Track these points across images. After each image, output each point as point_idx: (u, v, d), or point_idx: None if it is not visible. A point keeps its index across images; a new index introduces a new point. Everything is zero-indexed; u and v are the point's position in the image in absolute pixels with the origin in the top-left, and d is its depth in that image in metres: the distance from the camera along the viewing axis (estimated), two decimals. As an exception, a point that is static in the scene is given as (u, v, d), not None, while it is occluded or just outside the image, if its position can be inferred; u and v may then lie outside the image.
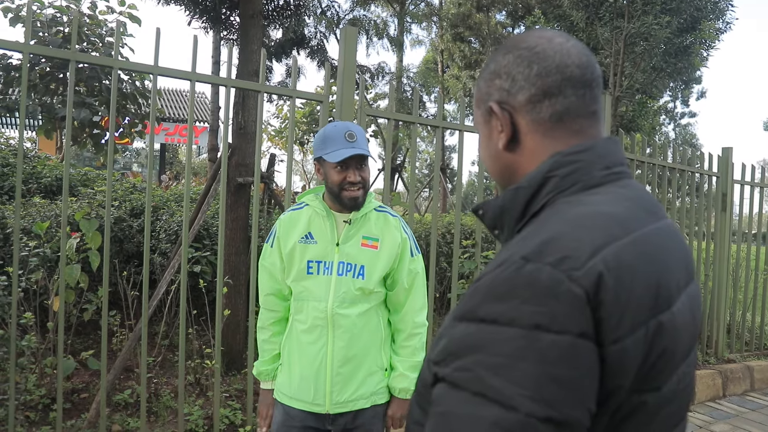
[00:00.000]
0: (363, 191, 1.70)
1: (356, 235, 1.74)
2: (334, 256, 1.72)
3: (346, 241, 1.73)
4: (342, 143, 1.64)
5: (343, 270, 1.71)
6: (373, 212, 1.77)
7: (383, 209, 1.81)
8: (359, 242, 1.73)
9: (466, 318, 0.62)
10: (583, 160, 0.70)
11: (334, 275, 1.71)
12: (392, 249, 1.74)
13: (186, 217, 2.76)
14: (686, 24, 9.62)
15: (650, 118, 13.19)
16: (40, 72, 5.14)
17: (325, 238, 1.73)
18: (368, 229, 1.75)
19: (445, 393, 0.61)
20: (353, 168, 1.66)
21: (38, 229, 3.26)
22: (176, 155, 27.56)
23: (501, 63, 0.77)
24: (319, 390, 1.70)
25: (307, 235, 1.74)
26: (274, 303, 1.84)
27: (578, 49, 0.74)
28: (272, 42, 7.49)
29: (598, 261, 0.59)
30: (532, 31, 0.78)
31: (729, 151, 5.21)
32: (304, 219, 1.77)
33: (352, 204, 1.69)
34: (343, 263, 1.71)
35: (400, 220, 1.80)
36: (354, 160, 1.66)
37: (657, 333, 0.61)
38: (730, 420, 4.02)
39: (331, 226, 1.73)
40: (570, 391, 0.56)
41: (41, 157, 7.18)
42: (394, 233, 1.76)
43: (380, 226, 1.76)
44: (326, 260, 1.72)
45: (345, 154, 1.62)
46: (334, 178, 1.67)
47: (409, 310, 1.79)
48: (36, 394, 2.96)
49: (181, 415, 2.78)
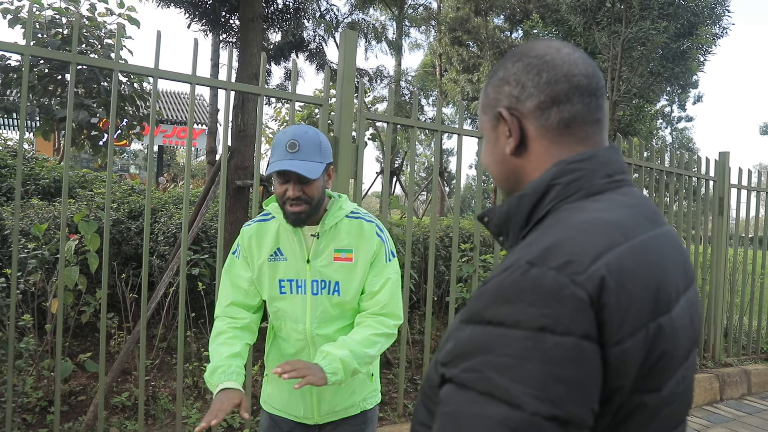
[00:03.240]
0: (307, 207, 1.52)
1: (327, 249, 1.59)
2: (306, 274, 1.59)
3: (317, 257, 1.59)
4: (282, 153, 1.49)
5: (317, 289, 1.59)
6: (344, 221, 1.61)
7: (356, 215, 1.63)
8: (331, 256, 1.59)
9: (473, 320, 0.65)
10: (585, 169, 0.73)
11: (309, 295, 1.59)
12: (369, 258, 1.60)
13: (185, 219, 2.76)
14: (683, 29, 9.67)
15: (647, 123, 13.25)
16: (39, 73, 5.15)
17: (294, 255, 1.60)
18: (339, 240, 1.59)
19: (452, 393, 0.63)
20: (293, 182, 1.50)
21: (37, 230, 3.26)
22: (174, 157, 27.52)
23: (510, 70, 0.79)
24: (307, 405, 1.66)
25: (276, 252, 1.61)
26: (238, 312, 1.66)
27: (584, 59, 0.77)
28: (271, 45, 7.51)
29: (600, 265, 0.61)
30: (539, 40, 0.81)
31: (726, 156, 5.24)
32: (271, 232, 1.62)
33: (293, 220, 1.54)
34: (317, 281, 1.59)
35: (375, 224, 1.65)
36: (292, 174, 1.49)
37: (657, 336, 0.63)
38: (727, 424, 4.02)
39: (299, 241, 1.60)
40: (574, 390, 0.58)
41: (39, 159, 7.17)
42: (370, 240, 1.60)
43: (353, 235, 1.60)
44: (298, 278, 1.60)
45: (277, 167, 1.47)
46: (277, 191, 1.54)
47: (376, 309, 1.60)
48: (33, 396, 2.95)
49: (179, 418, 2.77)
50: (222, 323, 1.64)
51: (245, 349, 1.61)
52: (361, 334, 1.56)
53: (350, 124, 3.13)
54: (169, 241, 4.32)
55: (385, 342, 1.60)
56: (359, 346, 1.52)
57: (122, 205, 4.70)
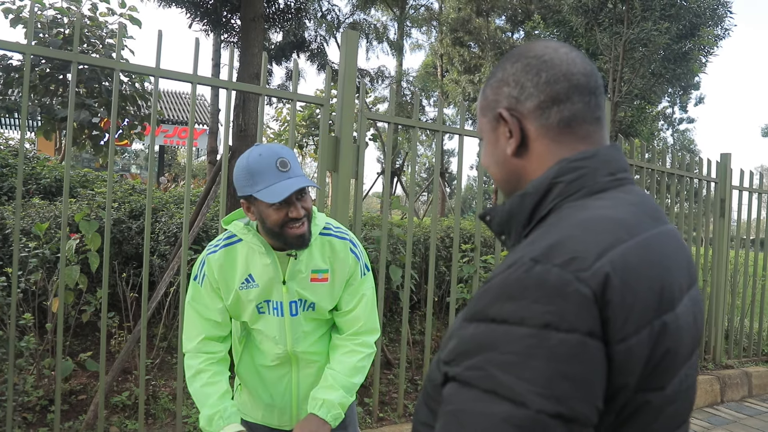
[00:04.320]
0: (308, 222, 1.46)
1: (304, 269, 1.52)
2: (282, 296, 1.52)
3: (293, 278, 1.51)
4: (275, 176, 1.37)
5: (295, 309, 1.53)
6: (317, 239, 1.52)
7: (328, 232, 1.56)
8: (308, 278, 1.52)
9: (476, 318, 0.64)
10: (587, 167, 0.73)
11: (287, 317, 1.53)
12: (344, 277, 1.56)
13: (186, 219, 2.76)
14: (685, 30, 9.67)
15: (649, 124, 13.24)
16: (40, 73, 5.15)
17: (267, 279, 1.50)
18: (315, 261, 1.53)
19: (456, 391, 0.62)
20: (294, 202, 1.41)
21: (38, 230, 3.26)
22: (175, 157, 27.55)
23: (509, 71, 0.79)
24: (285, 416, 1.64)
25: (248, 279, 1.51)
26: (213, 346, 1.57)
27: (582, 58, 0.78)
28: (272, 45, 7.51)
29: (605, 262, 0.61)
30: (536, 41, 0.81)
31: (727, 157, 5.23)
32: (240, 258, 1.51)
33: (299, 242, 1.44)
34: (294, 302, 1.53)
35: (348, 241, 1.57)
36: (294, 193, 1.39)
37: (661, 333, 0.63)
38: (728, 426, 4.02)
39: (273, 264, 1.49)
40: (579, 388, 0.58)
41: (40, 158, 7.18)
42: (345, 259, 1.55)
43: (326, 255, 1.54)
44: (274, 299, 1.53)
45: (285, 191, 1.35)
46: (273, 218, 1.40)
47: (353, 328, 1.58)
48: (34, 395, 2.95)
49: (179, 418, 2.77)
50: (197, 361, 1.54)
51: (228, 384, 1.57)
52: (345, 363, 1.55)
53: (351, 124, 3.13)
54: (170, 240, 4.32)
55: (368, 362, 1.61)
56: (347, 378, 1.53)
57: (123, 204, 4.70)
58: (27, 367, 3.04)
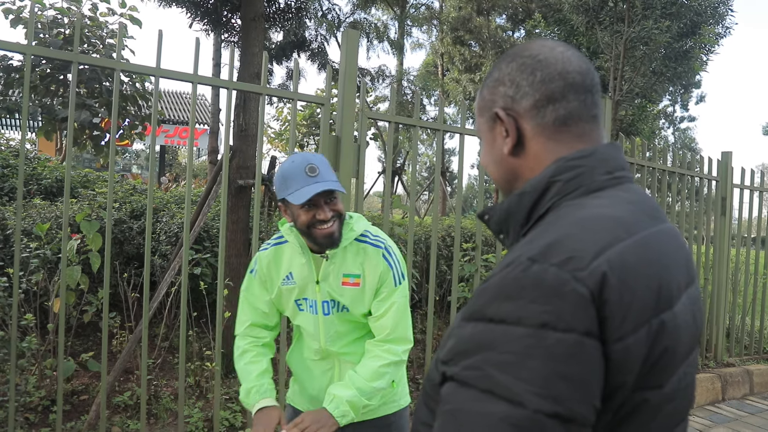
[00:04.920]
0: (338, 223, 1.54)
1: (336, 272, 1.60)
2: (316, 295, 1.63)
3: (326, 279, 1.61)
4: (303, 180, 1.48)
5: (328, 309, 1.63)
6: (352, 244, 1.61)
7: (365, 239, 1.62)
8: (339, 280, 1.60)
9: (474, 318, 0.64)
10: (585, 165, 0.73)
11: (320, 315, 1.64)
12: (375, 283, 1.60)
13: (187, 219, 2.76)
14: (686, 29, 9.65)
15: (650, 122, 13.22)
16: (41, 73, 5.15)
17: (303, 277, 1.63)
18: (347, 266, 1.60)
19: (453, 391, 0.62)
20: (322, 204, 1.51)
21: (39, 230, 3.26)
22: (176, 157, 27.56)
23: (504, 71, 0.79)
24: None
25: (288, 276, 1.65)
26: (259, 332, 1.74)
27: (577, 57, 0.78)
28: (273, 44, 7.51)
29: (602, 261, 0.61)
30: (532, 41, 0.81)
31: (728, 156, 5.22)
32: (286, 257, 1.67)
33: (328, 242, 1.54)
34: (327, 302, 1.62)
35: (383, 248, 1.62)
36: (321, 196, 1.50)
37: (659, 332, 0.63)
38: (729, 424, 4.02)
39: (308, 263, 1.62)
40: (576, 387, 0.58)
41: (41, 159, 7.18)
42: (377, 265, 1.60)
43: (360, 261, 1.60)
44: (309, 298, 1.65)
45: (309, 193, 1.46)
46: (302, 219, 1.52)
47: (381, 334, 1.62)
48: (36, 395, 2.96)
49: (181, 418, 2.78)
50: (244, 342, 1.72)
51: (270, 364, 1.72)
52: (369, 367, 1.59)
53: (352, 123, 3.13)
54: (171, 240, 4.33)
55: (395, 370, 1.63)
56: (366, 382, 1.56)
57: (124, 204, 4.71)
58: (29, 367, 3.05)
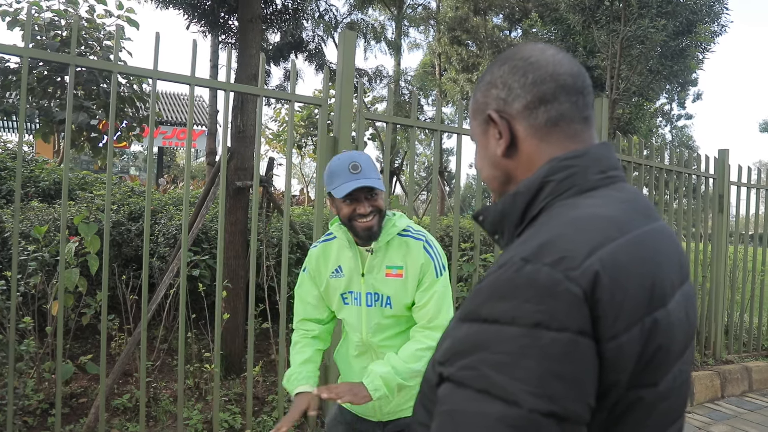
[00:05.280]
0: (378, 218, 1.65)
1: (380, 264, 1.71)
2: (361, 287, 1.73)
3: (370, 271, 1.71)
4: (346, 176, 1.61)
5: (371, 301, 1.72)
6: (395, 238, 1.71)
7: (407, 233, 1.73)
8: (383, 272, 1.70)
9: (469, 318, 0.65)
10: (578, 165, 0.73)
11: (363, 306, 1.73)
12: (417, 274, 1.69)
13: (185, 220, 2.76)
14: (682, 27, 9.67)
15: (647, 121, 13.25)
16: (38, 75, 5.14)
17: (350, 270, 1.74)
18: (391, 257, 1.71)
19: (450, 392, 0.63)
20: (363, 199, 1.63)
21: (37, 233, 3.26)
22: (174, 158, 27.53)
23: (496, 74, 0.80)
24: (368, 406, 1.74)
25: (337, 269, 1.77)
26: (309, 325, 1.86)
27: (569, 59, 0.79)
28: (270, 45, 7.50)
29: (594, 261, 0.62)
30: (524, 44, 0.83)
31: (725, 153, 5.24)
32: (334, 252, 1.79)
33: (366, 234, 1.65)
34: (371, 294, 1.72)
35: (424, 241, 1.72)
36: (362, 192, 1.62)
37: (652, 330, 0.63)
38: (728, 421, 4.02)
39: (354, 257, 1.73)
40: (571, 386, 0.58)
41: (39, 161, 7.17)
42: (417, 257, 1.69)
43: (402, 253, 1.70)
44: (354, 290, 1.74)
45: (349, 187, 1.59)
46: (344, 212, 1.65)
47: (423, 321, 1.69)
48: (34, 398, 2.95)
49: (181, 420, 2.77)
50: (297, 334, 1.87)
51: (316, 354, 1.83)
52: (407, 349, 1.66)
53: (350, 124, 3.14)
54: (169, 242, 4.32)
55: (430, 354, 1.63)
56: (403, 362, 1.62)
57: (122, 206, 4.70)
58: (27, 370, 3.04)
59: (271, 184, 4.09)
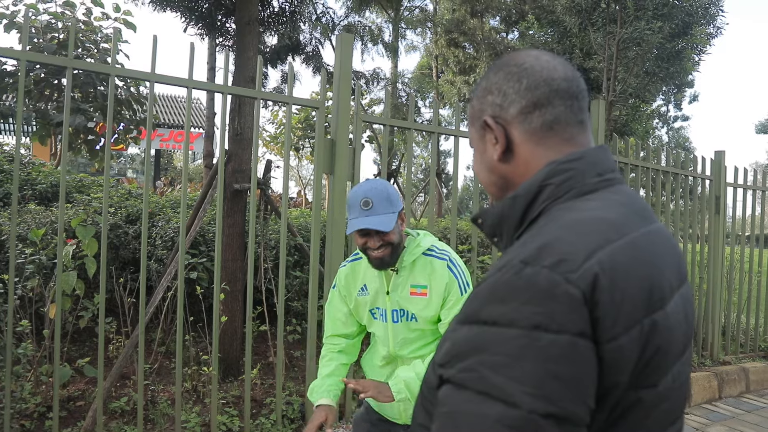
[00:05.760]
0: (389, 250, 1.71)
1: (404, 284, 1.77)
2: (386, 304, 1.80)
3: (395, 290, 1.78)
4: (357, 212, 1.67)
5: (397, 317, 1.79)
6: (420, 258, 1.77)
7: (431, 253, 1.78)
8: (408, 291, 1.76)
9: (468, 321, 0.65)
10: (576, 168, 0.74)
11: (390, 323, 1.80)
12: (441, 292, 1.74)
13: (183, 223, 2.76)
14: (678, 29, 9.71)
15: (643, 122, 13.29)
16: (35, 78, 5.14)
17: (375, 289, 1.82)
18: (415, 277, 1.76)
19: (450, 393, 0.63)
20: (372, 234, 1.69)
21: (34, 236, 3.25)
22: (171, 161, 27.49)
23: (492, 80, 0.82)
24: (394, 409, 1.83)
25: (363, 288, 1.85)
26: (336, 340, 1.94)
27: (564, 65, 0.80)
28: (267, 48, 7.51)
29: (593, 263, 0.62)
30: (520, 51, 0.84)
31: (722, 155, 5.26)
32: (361, 271, 1.86)
33: (377, 264, 1.72)
34: (396, 311, 1.79)
35: (447, 260, 1.77)
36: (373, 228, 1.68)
37: (651, 331, 0.64)
38: (726, 422, 4.03)
39: (379, 276, 1.80)
40: (570, 387, 0.58)
41: (36, 164, 7.15)
42: (442, 276, 1.74)
43: (427, 273, 1.75)
44: (381, 307, 1.82)
45: (355, 226, 1.67)
46: (358, 242, 1.73)
47: None
48: (32, 402, 2.94)
49: (179, 423, 2.77)
50: (325, 348, 1.96)
51: (341, 368, 1.91)
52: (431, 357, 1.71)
53: (347, 126, 3.14)
54: (167, 245, 4.32)
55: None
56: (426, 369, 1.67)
57: (119, 209, 4.69)
58: (24, 373, 3.03)
59: (269, 186, 4.09)
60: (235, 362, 3.79)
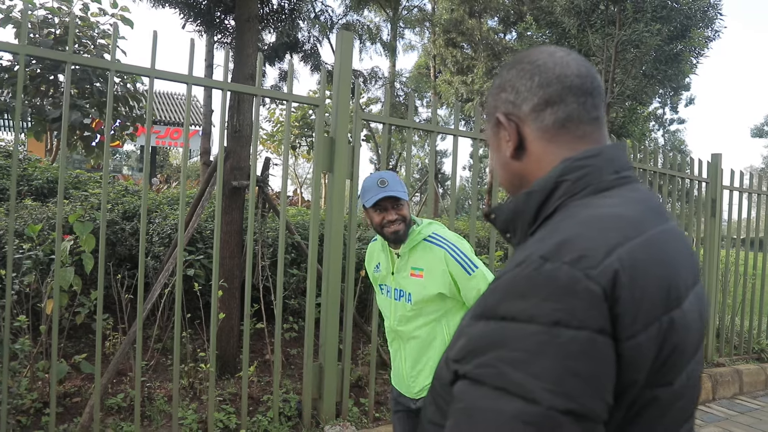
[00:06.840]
0: (404, 225, 1.93)
1: (406, 266, 1.98)
2: (391, 283, 2.04)
3: (399, 272, 2.00)
4: (375, 190, 1.91)
5: (397, 296, 2.02)
6: (421, 243, 1.96)
7: (431, 239, 1.95)
8: (408, 273, 1.97)
9: (485, 316, 0.65)
10: (593, 165, 0.74)
11: (392, 300, 2.04)
12: (436, 277, 1.92)
13: (181, 220, 2.75)
14: (676, 32, 9.75)
15: (640, 124, 13.34)
16: (31, 73, 5.11)
17: (384, 268, 2.08)
18: (415, 260, 1.96)
19: (466, 389, 0.63)
20: (390, 208, 1.92)
21: (31, 231, 3.24)
22: (167, 158, 27.40)
23: (506, 77, 0.82)
24: (403, 384, 2.05)
25: (377, 266, 2.12)
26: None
27: (578, 61, 0.79)
28: (266, 46, 7.49)
29: (613, 260, 0.62)
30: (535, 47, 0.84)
31: (718, 158, 5.28)
32: (377, 251, 2.13)
33: (394, 238, 1.93)
34: (398, 290, 2.02)
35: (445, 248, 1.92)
36: (389, 202, 1.91)
37: (669, 329, 0.64)
38: (719, 423, 4.06)
39: (386, 258, 2.06)
40: (590, 384, 0.58)
41: (32, 159, 7.12)
42: (438, 262, 1.91)
43: (426, 258, 1.94)
44: (387, 285, 2.07)
45: (377, 197, 1.89)
46: (375, 220, 1.94)
47: None
48: (28, 398, 2.93)
49: (176, 419, 2.76)
50: None
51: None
52: None
53: (346, 125, 3.14)
54: (164, 242, 4.30)
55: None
56: None
57: (116, 205, 4.67)
58: (21, 369, 3.02)
59: (267, 184, 4.09)
60: (232, 359, 3.78)
